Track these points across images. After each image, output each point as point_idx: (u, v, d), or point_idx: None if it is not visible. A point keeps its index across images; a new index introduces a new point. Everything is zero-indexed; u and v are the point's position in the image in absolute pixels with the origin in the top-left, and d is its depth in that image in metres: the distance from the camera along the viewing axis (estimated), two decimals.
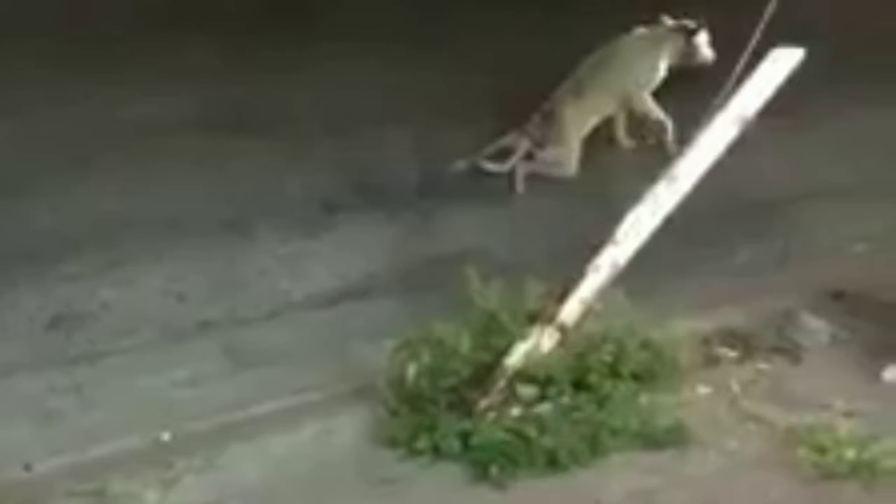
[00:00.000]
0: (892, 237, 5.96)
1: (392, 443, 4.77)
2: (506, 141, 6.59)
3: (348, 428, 4.84)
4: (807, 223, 6.14)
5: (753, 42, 5.04)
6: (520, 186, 6.50)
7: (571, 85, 6.62)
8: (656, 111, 6.67)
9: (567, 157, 6.54)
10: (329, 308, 5.59)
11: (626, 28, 6.79)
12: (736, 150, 5.07)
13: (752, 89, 4.94)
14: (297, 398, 4.98)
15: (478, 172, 6.54)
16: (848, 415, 4.82)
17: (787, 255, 5.90)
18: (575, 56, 6.75)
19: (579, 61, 6.69)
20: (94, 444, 4.76)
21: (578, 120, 6.59)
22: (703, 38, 6.67)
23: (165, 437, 4.80)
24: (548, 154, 6.55)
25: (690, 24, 6.69)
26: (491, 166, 6.55)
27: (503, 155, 6.59)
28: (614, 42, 6.73)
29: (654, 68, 6.68)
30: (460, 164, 6.53)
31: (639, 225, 4.96)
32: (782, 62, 4.97)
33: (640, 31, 6.76)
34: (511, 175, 6.54)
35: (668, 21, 6.73)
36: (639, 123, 6.75)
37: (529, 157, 6.57)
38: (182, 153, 6.57)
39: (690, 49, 6.68)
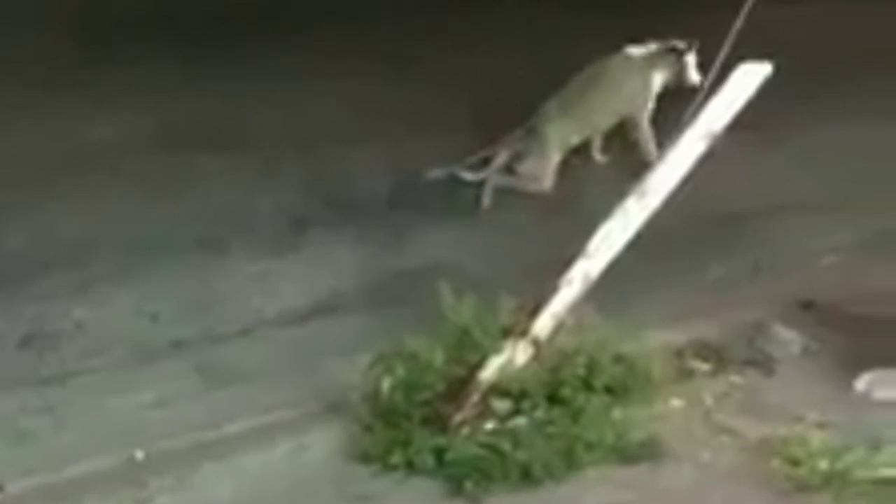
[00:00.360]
0: (860, 249, 6.02)
1: (366, 459, 4.75)
2: (486, 152, 6.59)
3: (322, 445, 4.83)
4: (776, 236, 6.17)
5: (721, 57, 5.07)
6: (486, 200, 6.51)
7: (558, 102, 6.62)
8: (649, 142, 6.63)
9: (545, 172, 6.55)
10: (301, 325, 5.59)
11: (608, 46, 6.78)
12: (705, 164, 5.10)
13: (721, 104, 4.97)
14: (269, 416, 4.96)
15: (451, 185, 6.55)
16: (821, 426, 4.83)
17: (757, 268, 5.93)
18: (551, 73, 6.78)
19: (562, 78, 6.69)
20: (68, 464, 4.73)
21: (561, 137, 6.59)
22: (692, 60, 6.64)
23: (139, 456, 4.78)
24: (526, 167, 6.55)
25: (680, 44, 6.66)
26: (467, 176, 6.55)
27: (482, 166, 6.60)
28: (604, 61, 6.70)
29: (645, 89, 6.65)
30: (436, 172, 6.53)
31: (610, 239, 4.98)
32: (750, 77, 5.00)
33: (631, 50, 6.71)
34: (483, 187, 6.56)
35: (658, 43, 6.70)
36: (623, 142, 6.75)
37: (509, 170, 6.59)
38: (152, 172, 6.54)
39: (680, 70, 6.65)
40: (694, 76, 6.59)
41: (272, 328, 5.57)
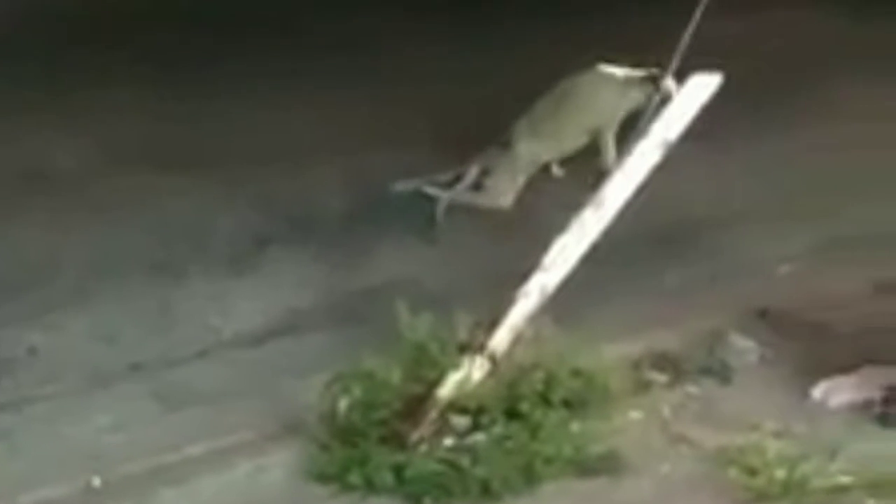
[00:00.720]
0: (814, 256, 6.05)
1: (324, 479, 4.74)
2: (459, 170, 6.58)
3: (280, 466, 4.81)
4: (731, 245, 6.19)
5: (672, 68, 5.10)
6: (440, 215, 6.51)
7: (528, 120, 6.57)
8: (610, 154, 6.50)
9: (511, 189, 6.52)
10: (260, 345, 5.58)
11: (569, 61, 6.75)
12: (659, 174, 5.13)
13: (673, 114, 5.00)
14: (228, 438, 4.94)
15: (410, 202, 6.54)
16: (778, 435, 4.84)
17: (713, 277, 5.94)
18: (512, 89, 6.79)
19: (520, 93, 6.67)
20: (24, 491, 4.69)
21: (532, 155, 6.57)
22: (670, 87, 6.30)
23: (96, 482, 4.74)
24: (494, 184, 6.54)
25: (658, 71, 6.30)
26: (431, 191, 6.54)
27: (453, 182, 6.57)
28: (575, 78, 6.61)
29: (617, 109, 6.48)
30: (403, 185, 6.52)
31: (566, 251, 5.00)
32: (702, 88, 5.03)
33: (603, 69, 6.60)
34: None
35: (633, 66, 6.49)
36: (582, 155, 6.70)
37: (476, 186, 6.57)
38: (108, 193, 6.53)
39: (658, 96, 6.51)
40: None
41: (230, 349, 5.55)
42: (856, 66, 7.84)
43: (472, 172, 6.56)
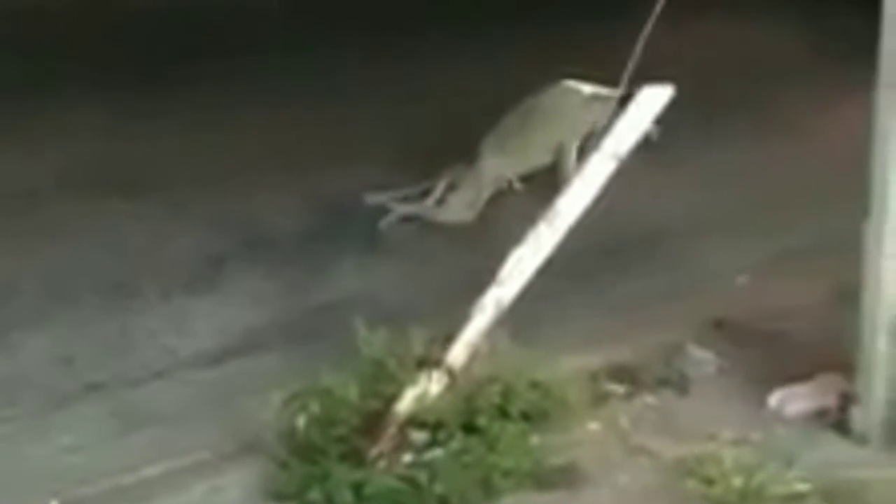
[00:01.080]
0: (770, 268, 6.09)
1: (283, 497, 4.72)
2: (427, 184, 6.58)
3: (238, 485, 4.79)
4: (688, 257, 6.23)
5: (625, 80, 5.12)
6: (384, 223, 6.48)
7: (495, 136, 6.60)
8: (569, 173, 6.35)
9: (473, 204, 6.54)
10: (217, 364, 5.57)
11: (523, 76, 6.77)
12: (614, 186, 5.15)
13: (625, 127, 5.02)
14: (186, 458, 4.92)
15: (366, 217, 6.55)
16: (734, 443, 4.86)
17: (670, 289, 5.97)
18: (469, 107, 6.80)
19: (477, 110, 6.70)
20: None
21: (497, 172, 6.58)
22: None
23: None
24: (458, 199, 6.55)
25: (621, 91, 6.48)
26: (397, 208, 6.54)
27: (421, 197, 6.61)
28: (541, 95, 6.62)
29: (582, 126, 6.48)
30: (373, 198, 6.50)
31: (522, 265, 5.01)
32: (653, 99, 5.06)
33: (569, 85, 6.61)
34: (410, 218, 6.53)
35: (600, 84, 6.45)
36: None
37: (439, 202, 6.57)
38: (64, 215, 6.52)
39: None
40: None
41: (188, 369, 5.54)
42: (808, 78, 7.93)
43: (440, 187, 6.58)
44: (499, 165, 6.58)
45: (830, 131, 6.97)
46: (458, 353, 4.92)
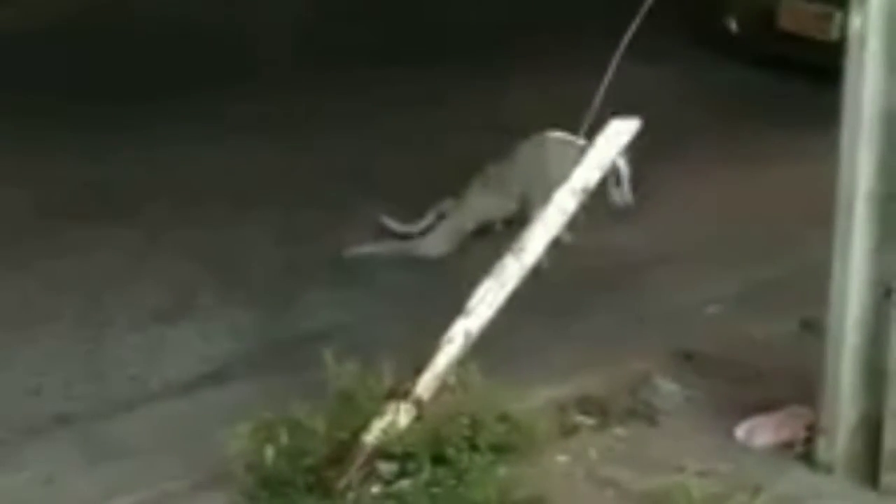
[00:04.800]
0: (738, 299, 6.12)
1: None
2: (406, 229, 6.61)
3: None
4: (657, 288, 6.26)
5: (592, 112, 5.15)
6: (349, 252, 6.52)
7: (482, 176, 6.59)
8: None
9: (452, 241, 6.53)
10: (187, 395, 5.56)
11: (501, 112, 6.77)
12: (581, 219, 5.19)
13: (592, 161, 5.04)
14: (155, 489, 4.91)
15: (337, 250, 6.57)
16: (702, 475, 4.88)
17: (639, 321, 6.00)
18: (446, 143, 6.80)
19: (448, 146, 6.73)
20: None
21: (479, 211, 6.57)
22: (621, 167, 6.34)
23: None
24: (438, 233, 6.56)
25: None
26: (393, 226, 6.61)
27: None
28: (534, 142, 6.54)
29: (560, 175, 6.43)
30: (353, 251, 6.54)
31: (489, 296, 5.01)
32: (620, 133, 5.08)
33: (558, 136, 6.49)
34: None
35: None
36: None
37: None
38: (34, 243, 6.53)
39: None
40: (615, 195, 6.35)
41: (158, 399, 5.54)
42: (776, 110, 8.02)
43: (426, 220, 6.60)
44: (479, 205, 6.57)
45: (801, 163, 7.00)
46: (426, 385, 4.92)
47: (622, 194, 6.33)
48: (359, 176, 7.27)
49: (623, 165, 6.23)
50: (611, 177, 6.21)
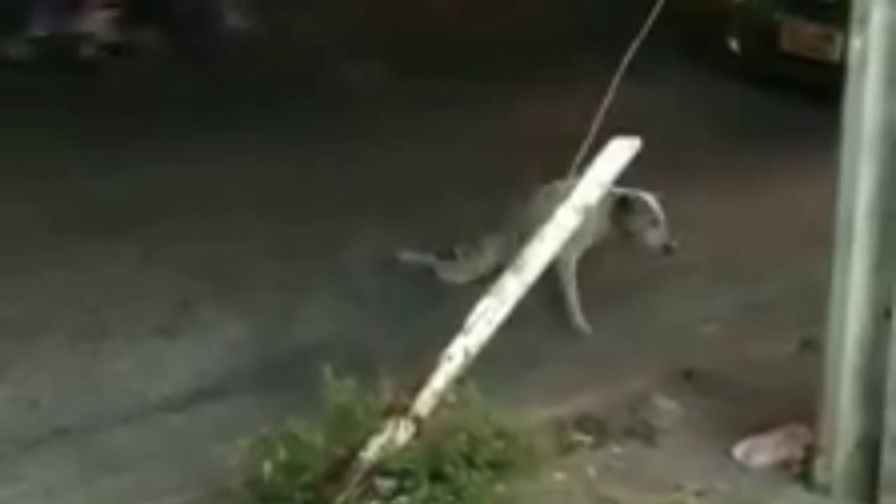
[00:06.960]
0: (739, 318, 6.14)
1: None
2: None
3: None
4: (657, 307, 6.28)
5: (593, 132, 5.15)
6: (403, 256, 6.53)
7: (509, 215, 6.35)
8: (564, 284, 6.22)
9: (469, 273, 6.44)
10: (185, 409, 5.55)
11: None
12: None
13: (593, 179, 5.04)
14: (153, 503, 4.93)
15: (335, 265, 6.57)
16: (700, 494, 4.89)
17: (638, 339, 6.00)
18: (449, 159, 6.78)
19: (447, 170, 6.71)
20: None
21: (498, 251, 6.31)
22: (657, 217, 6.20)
23: None
24: (461, 260, 6.49)
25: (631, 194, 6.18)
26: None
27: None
28: (541, 193, 6.22)
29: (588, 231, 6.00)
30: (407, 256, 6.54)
31: (488, 314, 5.01)
32: (621, 151, 5.08)
33: (567, 184, 5.81)
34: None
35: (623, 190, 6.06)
36: None
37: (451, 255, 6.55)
38: (32, 256, 6.52)
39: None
40: (653, 238, 6.17)
41: (156, 413, 5.53)
42: (777, 130, 8.05)
43: (461, 249, 6.56)
44: (497, 246, 6.46)
45: (799, 184, 7.02)
46: (425, 402, 4.92)
47: (660, 236, 6.16)
48: (358, 190, 7.28)
49: (656, 206, 6.15)
50: (644, 217, 6.15)
